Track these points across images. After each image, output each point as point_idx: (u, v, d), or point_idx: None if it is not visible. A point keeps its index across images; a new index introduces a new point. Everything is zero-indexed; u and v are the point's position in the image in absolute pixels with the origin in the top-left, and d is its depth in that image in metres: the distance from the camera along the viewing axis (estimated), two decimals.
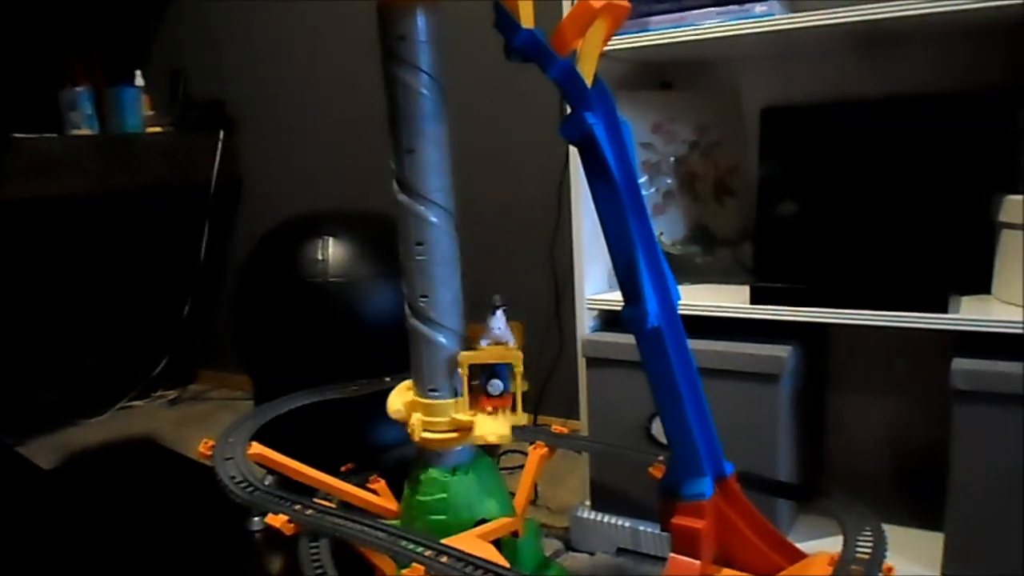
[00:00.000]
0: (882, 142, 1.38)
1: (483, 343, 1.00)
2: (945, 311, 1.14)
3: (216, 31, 2.48)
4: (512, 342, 1.00)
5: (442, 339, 1.01)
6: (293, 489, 1.00)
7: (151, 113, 2.42)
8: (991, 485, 1.12)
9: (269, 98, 2.42)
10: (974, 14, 1.12)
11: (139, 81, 2.39)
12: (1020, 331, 1.09)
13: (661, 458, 1.19)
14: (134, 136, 2.33)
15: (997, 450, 1.10)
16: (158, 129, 2.41)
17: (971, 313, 1.13)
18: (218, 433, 1.12)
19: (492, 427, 0.97)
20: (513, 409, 1.00)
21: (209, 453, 1.07)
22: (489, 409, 1.00)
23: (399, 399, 1.05)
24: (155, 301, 2.64)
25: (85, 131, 2.24)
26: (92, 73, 2.30)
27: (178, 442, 2.17)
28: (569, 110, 0.90)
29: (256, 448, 1.09)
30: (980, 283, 1.24)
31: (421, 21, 0.95)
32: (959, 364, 1.11)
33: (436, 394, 1.02)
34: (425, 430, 1.01)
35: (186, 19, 2.54)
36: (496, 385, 0.99)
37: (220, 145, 2.48)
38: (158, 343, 2.61)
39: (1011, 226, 1.16)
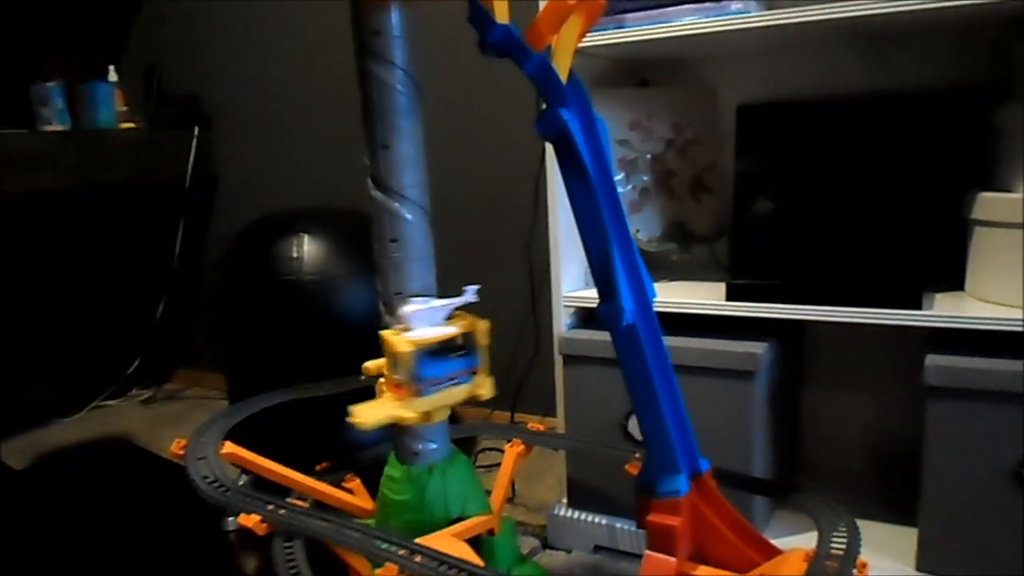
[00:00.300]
0: (857, 139, 1.38)
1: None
2: (919, 308, 1.14)
3: (193, 27, 2.45)
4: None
5: None
6: (267, 489, 1.00)
7: (124, 109, 2.39)
8: (965, 481, 1.13)
9: (245, 94, 2.40)
10: (950, 12, 1.12)
11: (112, 76, 2.36)
12: (993, 328, 1.10)
13: (638, 455, 1.19)
14: (107, 132, 2.30)
15: (970, 446, 1.11)
16: (132, 125, 2.38)
17: (945, 310, 1.14)
18: (192, 432, 1.10)
19: (367, 412, 0.95)
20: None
21: (182, 452, 1.06)
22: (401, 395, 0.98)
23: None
24: (129, 299, 2.61)
25: (57, 127, 2.21)
26: (65, 68, 2.27)
27: (153, 441, 2.15)
28: (544, 106, 0.90)
29: (229, 447, 1.08)
30: (954, 280, 1.25)
31: (395, 16, 0.94)
32: (933, 360, 1.12)
33: None
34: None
35: (162, 14, 2.51)
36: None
37: (195, 141, 2.45)
38: (132, 341, 2.58)
39: (984, 223, 1.17)
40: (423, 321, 0.97)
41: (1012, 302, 1.13)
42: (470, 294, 0.99)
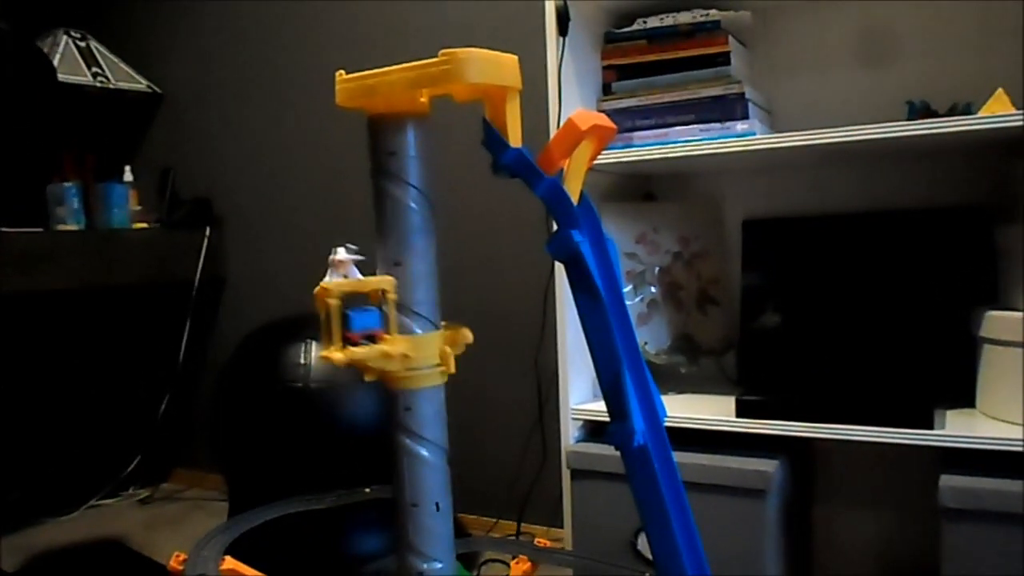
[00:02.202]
0: (864, 255, 1.40)
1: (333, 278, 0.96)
2: (930, 426, 1.13)
3: (207, 130, 2.52)
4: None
5: (424, 452, 1.00)
6: None
7: (138, 209, 2.43)
8: None
9: (257, 197, 2.45)
10: (949, 137, 1.16)
11: (128, 177, 2.41)
12: (1004, 448, 1.09)
13: (648, 575, 1.16)
14: (120, 232, 2.34)
15: (988, 567, 1.09)
16: (144, 225, 2.42)
17: (957, 428, 1.13)
18: (190, 539, 1.08)
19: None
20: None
21: (181, 568, 1.04)
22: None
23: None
24: (132, 397, 2.60)
25: (71, 226, 2.24)
26: (81, 168, 2.32)
27: (147, 545, 2.10)
28: (555, 227, 0.91)
29: (229, 563, 1.05)
30: (965, 396, 1.25)
31: (411, 136, 0.96)
32: (947, 481, 1.10)
33: (417, 509, 0.99)
34: None
35: (178, 118, 2.58)
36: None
37: (206, 242, 2.48)
38: (132, 440, 2.56)
39: (993, 341, 1.17)
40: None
41: (1021, 420, 1.13)
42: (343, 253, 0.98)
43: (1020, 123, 1.07)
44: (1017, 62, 1.35)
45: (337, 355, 0.90)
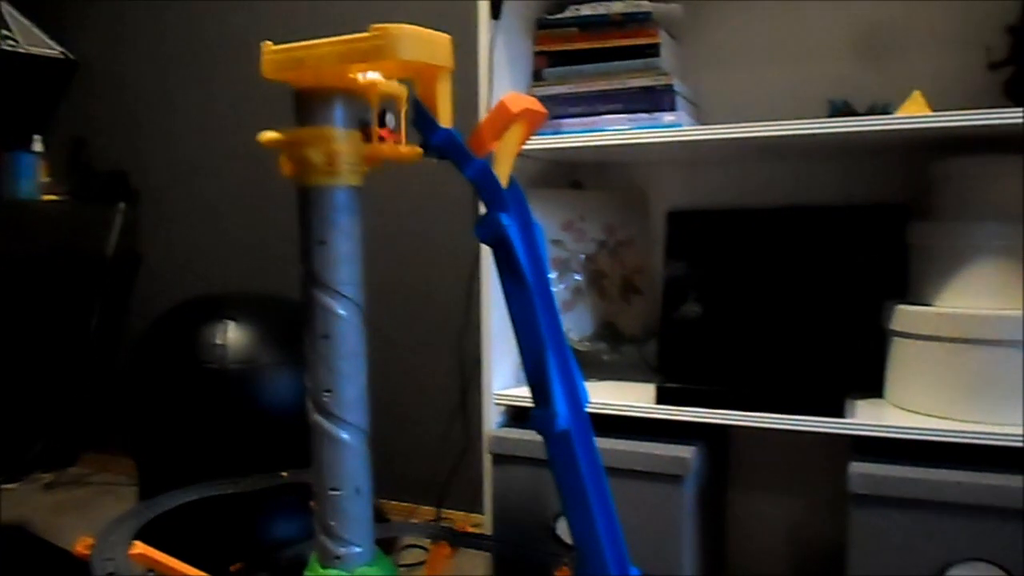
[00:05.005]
0: (783, 249, 1.43)
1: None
2: (841, 415, 1.17)
3: (124, 101, 2.43)
4: None
5: (345, 436, 0.98)
6: None
7: (48, 180, 2.33)
8: None
9: (175, 172, 2.37)
10: (867, 136, 1.19)
11: (37, 147, 2.31)
12: (913, 437, 1.13)
13: (566, 560, 1.17)
14: (27, 203, 2.24)
15: (893, 552, 1.13)
16: (54, 197, 2.33)
17: (866, 417, 1.17)
18: (98, 524, 1.04)
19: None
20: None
21: (88, 552, 1.00)
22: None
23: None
24: (37, 377, 2.50)
25: None
26: None
27: (52, 531, 2.02)
28: (484, 210, 0.90)
29: (139, 548, 1.02)
30: (875, 387, 1.29)
31: (338, 113, 0.95)
32: (856, 468, 1.14)
33: (337, 493, 0.98)
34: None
35: (94, 87, 2.48)
36: (391, 119, 0.96)
37: (120, 217, 2.40)
38: (37, 422, 2.46)
39: (902, 334, 1.22)
40: None
41: (928, 411, 1.17)
42: None
43: (934, 125, 1.11)
44: (934, 64, 1.40)
45: None
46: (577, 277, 1.48)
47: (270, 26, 2.15)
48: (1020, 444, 1.09)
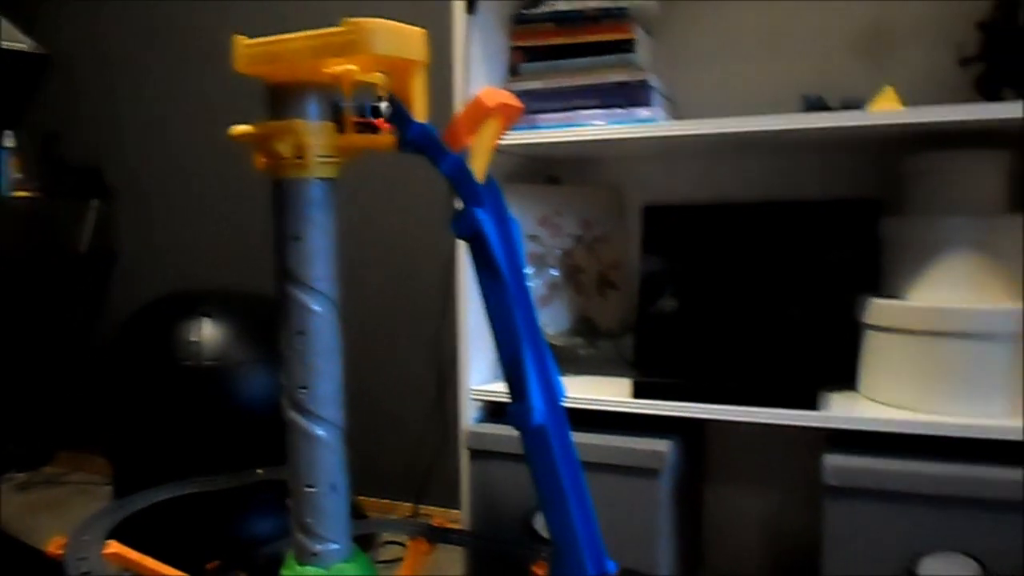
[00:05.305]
0: (758, 243, 1.44)
1: None
2: (814, 408, 1.18)
3: (98, 96, 2.40)
4: None
5: (321, 432, 0.98)
6: None
7: (19, 176, 2.30)
8: None
9: (151, 168, 2.35)
10: (840, 131, 1.20)
11: (8, 142, 2.28)
12: (886, 431, 1.14)
13: (544, 554, 1.17)
14: None
15: (867, 543, 1.14)
16: (26, 193, 2.30)
17: (840, 410, 1.18)
18: (72, 524, 1.03)
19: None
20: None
21: (61, 552, 0.99)
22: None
23: None
24: (11, 376, 2.47)
25: None
26: None
27: (26, 531, 2.00)
28: (459, 205, 0.90)
29: (114, 547, 1.01)
30: (849, 380, 1.30)
31: (311, 107, 0.94)
32: (830, 460, 1.15)
33: (313, 490, 0.98)
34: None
35: (67, 82, 2.45)
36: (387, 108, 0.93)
37: (93, 214, 2.37)
38: (11, 421, 2.43)
39: (875, 328, 1.23)
40: None
41: (901, 404, 1.18)
42: None
43: (906, 121, 1.12)
44: (907, 60, 1.41)
45: None
46: (553, 272, 1.49)
47: (242, 21, 2.14)
48: (992, 436, 1.10)
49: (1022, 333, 1.12)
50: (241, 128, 0.92)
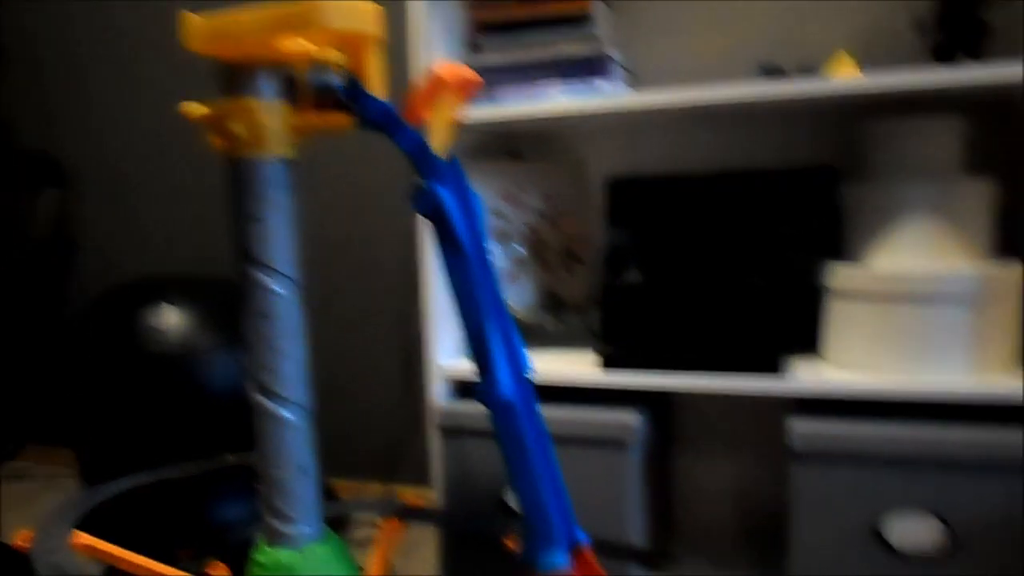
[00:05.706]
0: (720, 213, 1.45)
1: None
2: (776, 372, 1.19)
3: (52, 83, 2.35)
4: None
5: (287, 414, 0.97)
6: None
7: None
8: (829, 540, 1.17)
9: (110, 155, 2.30)
10: (802, 102, 1.21)
11: None
12: (849, 397, 1.16)
13: (516, 528, 1.17)
14: None
15: (833, 507, 1.16)
16: None
17: (803, 375, 1.19)
18: (38, 519, 1.02)
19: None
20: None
21: (27, 545, 0.98)
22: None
23: None
24: None
25: None
26: None
27: None
28: (420, 182, 0.90)
29: (83, 538, 1.00)
30: (813, 344, 1.32)
31: (264, 85, 0.92)
32: (796, 426, 1.16)
33: (282, 473, 0.97)
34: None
35: (21, 69, 2.39)
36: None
37: (48, 202, 2.32)
38: None
39: (837, 293, 1.24)
40: None
41: (864, 367, 1.20)
42: None
43: (870, 86, 1.13)
44: (860, 24, 1.42)
45: None
46: (518, 247, 1.48)
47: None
48: (952, 398, 1.12)
49: (979, 294, 1.14)
50: (194, 107, 0.91)
